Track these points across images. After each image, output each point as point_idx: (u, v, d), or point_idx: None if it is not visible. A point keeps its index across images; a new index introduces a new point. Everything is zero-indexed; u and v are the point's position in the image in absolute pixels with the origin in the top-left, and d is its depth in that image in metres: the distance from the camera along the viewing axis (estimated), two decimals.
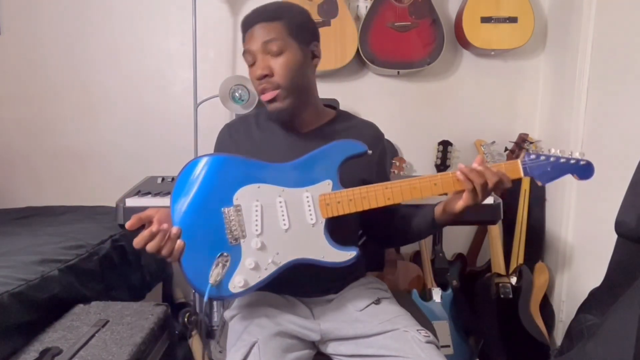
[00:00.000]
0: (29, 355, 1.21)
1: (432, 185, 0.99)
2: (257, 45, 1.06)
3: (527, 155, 1.01)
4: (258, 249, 0.97)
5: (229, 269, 0.97)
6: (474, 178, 0.95)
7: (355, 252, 0.99)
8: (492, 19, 2.06)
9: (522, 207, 2.12)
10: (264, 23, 1.07)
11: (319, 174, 0.99)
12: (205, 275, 0.96)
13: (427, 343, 1.01)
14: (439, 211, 1.06)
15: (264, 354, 0.96)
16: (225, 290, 0.97)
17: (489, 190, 0.97)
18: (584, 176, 1.02)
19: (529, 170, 1.00)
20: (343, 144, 1.01)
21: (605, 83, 1.86)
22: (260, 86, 1.08)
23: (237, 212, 0.98)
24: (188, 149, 2.14)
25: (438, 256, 2.13)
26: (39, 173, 2.31)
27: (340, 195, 0.98)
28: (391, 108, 2.30)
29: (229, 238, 0.97)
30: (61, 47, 2.22)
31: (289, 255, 0.98)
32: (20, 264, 1.41)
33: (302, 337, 1.07)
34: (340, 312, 1.13)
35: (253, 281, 0.98)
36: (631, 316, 1.23)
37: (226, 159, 1.02)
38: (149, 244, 0.95)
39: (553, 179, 1.01)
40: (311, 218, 0.98)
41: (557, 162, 1.01)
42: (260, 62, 1.06)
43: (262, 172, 1.00)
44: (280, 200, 0.98)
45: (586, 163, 1.02)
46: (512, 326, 1.95)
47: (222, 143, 1.21)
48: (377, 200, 0.99)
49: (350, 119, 1.24)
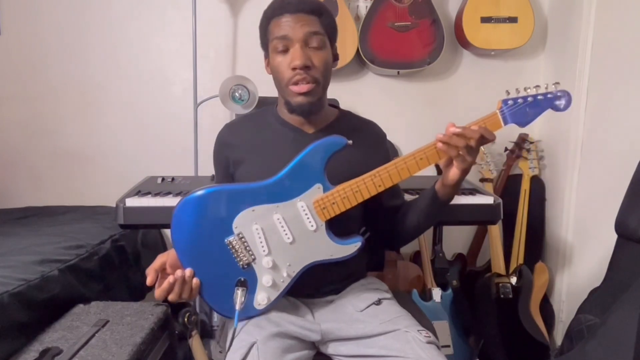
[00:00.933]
0: (29, 355, 1.21)
1: (418, 161, 0.99)
2: (299, 34, 1.03)
3: (504, 104, 0.99)
4: (270, 267, 1.01)
5: (249, 291, 1.01)
6: (456, 142, 0.94)
7: (360, 242, 1.02)
8: (492, 19, 2.06)
9: (522, 207, 2.12)
10: (306, 15, 1.04)
11: (307, 180, 0.99)
12: (229, 303, 1.00)
13: (428, 343, 1.00)
14: (438, 186, 1.06)
15: (262, 355, 0.96)
16: (252, 310, 1.03)
17: (475, 148, 0.96)
18: (562, 108, 1.01)
19: (509, 118, 0.99)
20: (322, 144, 0.99)
21: (605, 83, 1.86)
22: (297, 76, 1.04)
23: (240, 239, 1.00)
24: (188, 149, 2.14)
25: (438, 256, 2.13)
26: (39, 173, 2.31)
27: (333, 196, 0.99)
28: (391, 108, 2.30)
29: (241, 265, 1.01)
30: (61, 47, 2.22)
31: (301, 263, 1.02)
32: (20, 264, 1.41)
33: (302, 338, 1.07)
34: (341, 312, 1.12)
35: (274, 295, 1.03)
36: (631, 316, 1.23)
37: (211, 192, 1.00)
38: (171, 296, 0.98)
39: (533, 119, 1.01)
40: (311, 225, 1.00)
41: (535, 100, 1.00)
42: (300, 52, 1.02)
43: (251, 195, 1.00)
44: (278, 217, 0.99)
45: (562, 93, 1.00)
46: (512, 326, 1.95)
47: (221, 146, 1.19)
48: (369, 190, 1.00)
49: (353, 118, 1.23)
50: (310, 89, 1.05)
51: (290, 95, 1.07)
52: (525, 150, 2.15)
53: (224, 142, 1.19)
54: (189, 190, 1.46)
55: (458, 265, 2.22)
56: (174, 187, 1.51)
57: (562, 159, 2.07)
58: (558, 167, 2.12)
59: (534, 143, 2.17)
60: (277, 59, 1.06)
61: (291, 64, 1.03)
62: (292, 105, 1.08)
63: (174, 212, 1.00)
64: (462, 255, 2.28)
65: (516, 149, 2.16)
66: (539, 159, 2.17)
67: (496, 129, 0.98)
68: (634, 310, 1.23)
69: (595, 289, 1.57)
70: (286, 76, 1.05)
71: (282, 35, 1.04)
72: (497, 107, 1.00)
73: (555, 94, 1.00)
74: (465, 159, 0.96)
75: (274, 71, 1.09)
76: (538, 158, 2.17)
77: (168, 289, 0.98)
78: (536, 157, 2.16)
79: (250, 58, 2.24)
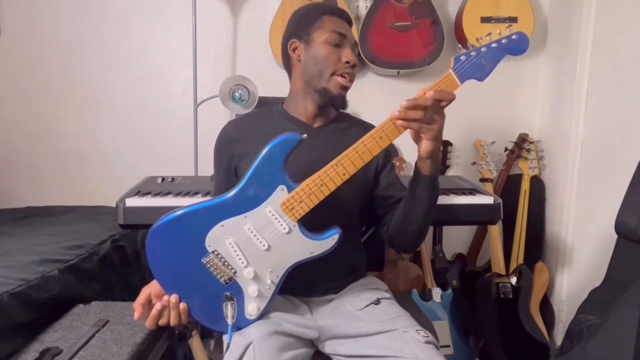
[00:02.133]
0: (29, 355, 1.21)
1: (378, 140, 0.97)
2: (352, 39, 1.17)
3: (456, 61, 0.96)
4: (252, 277, 1.00)
5: (238, 304, 1.01)
6: (413, 116, 0.94)
7: (338, 233, 0.99)
8: (492, 19, 2.07)
9: (522, 207, 2.12)
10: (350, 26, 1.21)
11: (269, 184, 0.98)
12: (220, 320, 1.01)
13: (427, 343, 1.00)
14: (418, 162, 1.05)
15: (259, 354, 0.96)
16: (245, 321, 1.03)
17: (437, 114, 0.95)
18: (519, 50, 0.97)
19: (465, 75, 0.96)
20: (276, 145, 0.97)
21: (605, 83, 1.86)
22: (348, 70, 1.14)
23: (216, 256, 0.99)
24: (188, 149, 2.14)
25: (438, 256, 2.13)
26: (39, 173, 2.31)
27: (298, 195, 0.97)
28: (391, 108, 2.27)
29: (223, 281, 1.00)
30: (61, 47, 2.22)
31: (282, 267, 1.01)
32: (20, 264, 1.41)
33: (300, 336, 1.07)
34: (339, 310, 1.13)
35: (263, 304, 1.03)
36: (631, 316, 1.23)
37: (176, 217, 0.99)
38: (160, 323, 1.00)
39: (492, 70, 0.97)
40: (284, 228, 0.98)
41: (489, 50, 0.96)
42: (352, 52, 1.14)
43: (217, 211, 0.98)
44: (248, 227, 0.98)
45: (518, 36, 0.96)
46: (512, 326, 1.95)
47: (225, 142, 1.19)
48: (334, 181, 0.97)
49: (350, 118, 1.27)
50: (351, 85, 1.16)
51: (334, 84, 1.14)
52: (525, 150, 2.15)
53: (228, 138, 1.19)
54: (189, 190, 1.47)
55: (458, 265, 2.23)
56: (174, 187, 1.51)
57: (562, 159, 2.07)
58: (558, 167, 2.12)
59: (534, 143, 2.17)
60: (327, 49, 1.13)
61: (346, 58, 1.13)
62: (332, 93, 1.14)
63: (146, 243, 1.00)
64: (462, 255, 2.28)
65: (516, 149, 2.16)
66: (539, 159, 2.18)
67: (454, 88, 0.96)
68: (634, 310, 1.23)
69: (595, 289, 1.57)
70: (334, 67, 1.13)
71: (342, 33, 1.14)
72: (450, 66, 0.97)
73: (509, 37, 0.96)
74: (431, 128, 0.95)
75: (316, 59, 1.13)
76: (538, 158, 2.17)
77: (157, 316, 1.00)
78: (536, 157, 2.16)
79: (250, 58, 2.24)
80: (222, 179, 1.21)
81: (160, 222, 0.99)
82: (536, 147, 2.17)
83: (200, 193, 1.44)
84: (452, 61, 0.97)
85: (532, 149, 2.16)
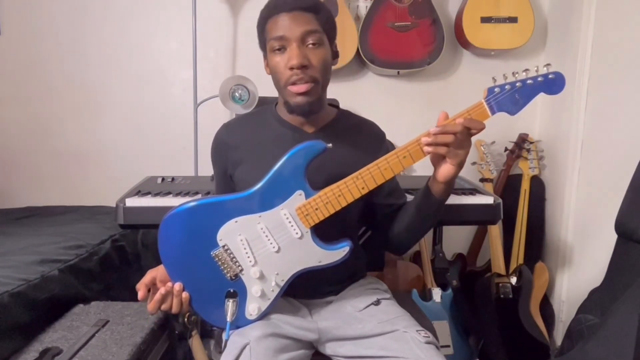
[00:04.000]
0: (29, 355, 1.21)
1: (401, 159, 0.96)
2: (295, 33, 1.00)
3: (489, 92, 0.94)
4: (258, 277, 1.00)
5: (240, 302, 1.01)
6: (442, 140, 0.92)
7: (348, 246, 1.00)
8: (492, 19, 2.06)
9: (522, 207, 2.12)
10: (302, 12, 1.02)
11: (289, 187, 0.98)
12: (221, 315, 1.01)
13: (427, 344, 1.00)
14: (431, 182, 1.03)
15: (254, 355, 0.96)
16: (244, 320, 1.03)
17: (465, 141, 0.94)
18: (555, 90, 0.94)
19: (497, 107, 0.94)
20: (301, 150, 0.97)
21: (605, 83, 1.86)
22: (294, 77, 1.02)
23: (225, 251, 1.00)
24: (188, 149, 2.14)
25: (438, 256, 2.13)
26: (39, 173, 2.31)
27: (315, 202, 0.97)
28: (391, 108, 2.30)
29: (228, 277, 1.01)
30: (61, 47, 2.22)
31: (289, 272, 1.01)
32: (20, 264, 1.41)
33: (299, 338, 1.07)
34: (340, 312, 1.12)
35: (264, 305, 1.02)
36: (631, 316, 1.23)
37: (193, 207, 1.00)
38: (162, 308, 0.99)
39: (524, 105, 0.95)
40: (296, 232, 0.98)
41: (524, 86, 0.94)
42: (297, 51, 1.00)
43: (233, 207, 0.99)
44: (261, 227, 0.99)
45: (555, 75, 0.93)
46: (512, 326, 1.95)
47: (219, 146, 1.18)
48: (353, 194, 0.98)
49: (352, 118, 1.22)
50: (309, 89, 1.02)
51: (289, 95, 1.05)
52: (525, 150, 2.15)
53: (222, 143, 1.17)
54: (189, 190, 1.47)
55: (458, 265, 2.22)
56: (174, 187, 1.51)
57: (562, 159, 2.07)
58: (558, 167, 2.12)
59: (534, 143, 2.17)
60: (275, 59, 1.04)
61: (288, 63, 1.01)
62: (291, 105, 1.07)
63: (159, 229, 1.01)
64: (462, 255, 2.28)
65: (516, 149, 2.16)
66: (539, 159, 2.17)
67: (484, 119, 0.94)
68: (634, 310, 1.23)
69: (595, 289, 1.57)
70: (284, 76, 1.03)
71: (279, 35, 1.02)
72: (483, 95, 0.95)
73: (546, 76, 0.94)
74: (458, 153, 0.94)
75: (272, 72, 1.07)
76: (538, 158, 2.17)
77: (160, 300, 0.99)
78: (536, 157, 2.16)
79: (250, 58, 2.24)
80: (221, 182, 1.21)
81: (177, 210, 1.00)
82: (536, 147, 2.17)
83: (200, 193, 1.45)
84: (485, 91, 0.95)
85: (532, 149, 2.16)
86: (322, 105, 1.12)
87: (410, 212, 1.11)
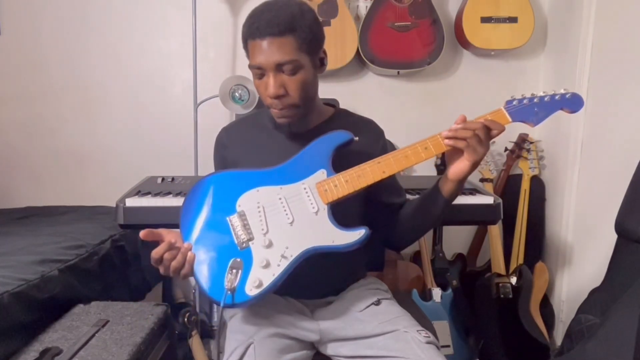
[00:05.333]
0: (29, 355, 1.21)
1: (422, 150, 1.00)
2: (270, 63, 0.99)
3: (508, 102, 1.00)
4: (266, 246, 0.98)
5: (243, 272, 0.96)
6: (463, 135, 0.95)
7: (365, 230, 0.99)
8: (492, 19, 2.06)
9: (522, 207, 2.12)
10: (274, 38, 0.97)
11: (312, 166, 1.03)
12: (220, 285, 0.94)
13: (427, 344, 1.00)
14: (442, 182, 1.05)
15: (259, 355, 0.96)
16: (242, 295, 0.95)
17: (484, 140, 0.96)
18: (574, 108, 1.00)
19: (516, 115, 0.99)
20: (329, 136, 1.04)
21: (605, 83, 1.86)
22: (274, 105, 1.03)
23: (241, 217, 1.00)
24: (188, 149, 2.14)
25: (438, 256, 2.13)
26: (39, 173, 2.31)
27: (336, 180, 1.01)
28: (391, 108, 2.30)
29: (238, 243, 0.99)
30: (61, 47, 2.22)
31: (299, 247, 0.97)
32: (20, 264, 1.41)
33: (300, 338, 1.07)
34: (340, 312, 1.12)
35: (267, 280, 0.95)
36: (631, 316, 1.23)
37: (224, 175, 1.07)
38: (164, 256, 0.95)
39: (544, 118, 1.01)
40: (313, 207, 1.00)
41: (542, 102, 1.00)
42: (272, 80, 0.99)
43: (258, 178, 1.04)
44: (280, 197, 1.01)
45: (572, 95, 1.00)
46: (512, 326, 1.95)
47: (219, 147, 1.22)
48: (374, 175, 1.00)
49: (349, 116, 1.22)
50: (288, 114, 1.05)
51: (273, 114, 1.07)
52: (525, 150, 2.15)
53: (221, 144, 1.21)
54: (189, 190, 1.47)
55: (458, 265, 2.22)
56: (174, 187, 1.51)
57: (562, 159, 2.07)
58: (558, 167, 2.12)
59: (534, 143, 2.17)
60: (256, 82, 1.05)
61: (265, 92, 1.02)
62: (275, 122, 1.11)
63: (191, 187, 1.05)
64: (462, 255, 2.28)
65: (516, 149, 2.16)
66: (539, 159, 2.17)
67: (504, 123, 0.99)
68: (634, 310, 1.23)
69: (595, 289, 1.57)
70: (266, 101, 1.05)
71: (256, 65, 1.01)
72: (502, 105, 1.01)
73: (563, 95, 1.00)
74: (476, 149, 0.96)
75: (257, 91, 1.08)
76: (538, 158, 2.17)
77: (165, 248, 0.95)
78: (536, 157, 2.16)
79: None
80: None
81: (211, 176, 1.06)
82: (536, 147, 2.17)
83: None
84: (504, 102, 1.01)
85: (532, 149, 2.16)
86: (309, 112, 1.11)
87: (415, 211, 1.13)
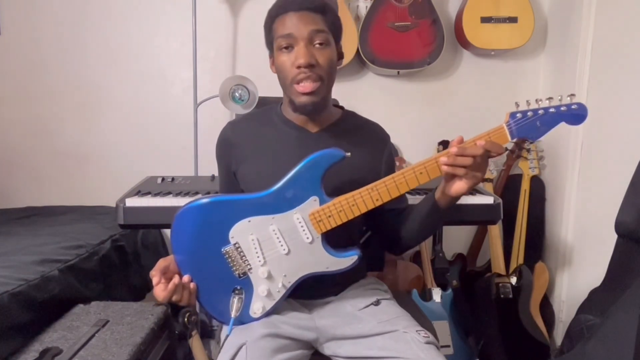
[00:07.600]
0: (29, 355, 1.21)
1: (417, 175, 0.98)
2: (303, 32, 1.01)
3: (512, 117, 0.95)
4: (266, 277, 1.02)
5: (245, 299, 1.03)
6: (461, 162, 0.93)
7: (357, 255, 1.02)
8: (492, 19, 2.06)
9: (522, 207, 2.12)
10: (310, 12, 1.02)
11: (304, 192, 0.99)
12: (226, 310, 1.03)
13: (427, 344, 1.00)
14: (439, 195, 1.04)
15: (250, 355, 0.96)
16: (247, 317, 1.05)
17: (483, 165, 0.95)
18: (576, 121, 0.95)
19: (517, 132, 0.95)
20: (320, 156, 0.98)
21: (605, 83, 1.86)
22: (301, 74, 1.02)
23: (236, 249, 1.01)
24: (188, 149, 2.14)
25: (438, 256, 2.13)
26: (39, 173, 2.31)
27: (329, 209, 0.99)
28: (391, 108, 2.30)
29: (237, 274, 1.02)
30: (61, 47, 2.22)
31: (296, 275, 1.03)
32: (20, 264, 1.41)
33: (297, 338, 1.07)
34: (339, 311, 1.13)
35: (269, 305, 1.04)
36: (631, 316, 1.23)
37: (210, 202, 1.02)
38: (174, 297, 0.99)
39: (544, 133, 0.96)
40: (307, 237, 1.00)
41: (547, 114, 0.94)
42: (304, 50, 1.01)
43: (248, 206, 1.01)
44: (273, 229, 1.00)
45: (578, 106, 0.95)
46: (512, 326, 1.95)
47: (223, 145, 1.18)
48: (366, 204, 0.99)
49: (356, 119, 1.22)
50: (315, 88, 1.03)
51: (294, 94, 1.05)
52: (525, 150, 2.15)
53: (227, 141, 1.17)
54: (189, 190, 1.47)
55: (458, 265, 2.22)
56: (174, 187, 1.51)
57: (562, 159, 2.07)
58: (558, 167, 2.12)
59: (534, 143, 2.17)
60: (282, 58, 1.04)
61: (296, 62, 1.01)
62: (295, 104, 1.07)
63: (174, 220, 1.02)
64: (462, 255, 2.28)
65: (516, 149, 2.16)
66: (539, 159, 2.17)
67: (504, 142, 0.95)
68: (634, 310, 1.23)
69: (595, 289, 1.57)
70: (290, 75, 1.03)
71: (287, 34, 1.02)
72: (505, 120, 0.96)
73: (569, 106, 0.95)
74: (475, 175, 0.95)
75: (279, 70, 1.07)
76: (538, 158, 2.17)
77: (173, 290, 0.99)
78: (536, 157, 2.16)
79: (250, 58, 2.24)
80: (225, 180, 1.21)
81: (193, 204, 1.01)
82: (536, 147, 2.17)
83: (200, 193, 1.44)
84: (507, 115, 0.96)
85: (532, 149, 2.16)
86: (326, 105, 1.12)
87: (414, 219, 1.13)
